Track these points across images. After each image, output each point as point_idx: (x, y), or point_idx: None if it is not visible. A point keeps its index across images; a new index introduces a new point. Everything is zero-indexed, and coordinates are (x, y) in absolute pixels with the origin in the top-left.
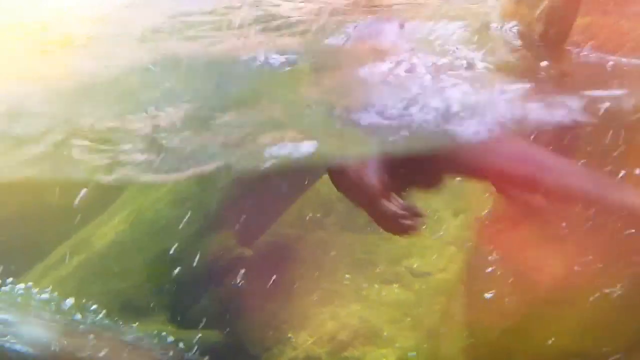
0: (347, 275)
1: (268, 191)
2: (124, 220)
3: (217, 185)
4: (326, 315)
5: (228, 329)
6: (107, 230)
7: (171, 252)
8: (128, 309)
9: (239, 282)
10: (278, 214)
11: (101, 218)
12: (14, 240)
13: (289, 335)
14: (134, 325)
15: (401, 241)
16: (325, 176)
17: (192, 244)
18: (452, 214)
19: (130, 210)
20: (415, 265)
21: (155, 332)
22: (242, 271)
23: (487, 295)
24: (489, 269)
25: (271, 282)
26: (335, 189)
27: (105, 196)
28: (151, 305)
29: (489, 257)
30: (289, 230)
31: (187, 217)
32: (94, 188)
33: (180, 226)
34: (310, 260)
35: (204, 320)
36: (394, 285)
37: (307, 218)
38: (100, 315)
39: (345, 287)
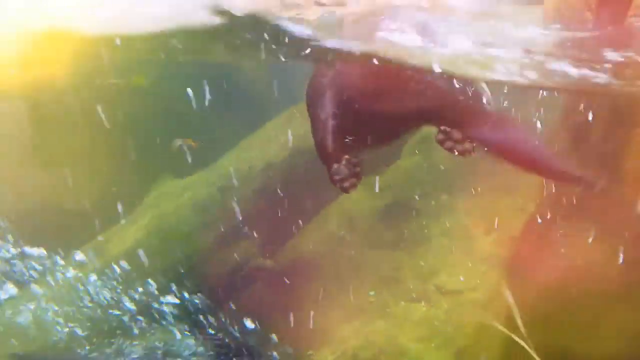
0: (371, 293)
1: (291, 202)
2: (144, 226)
3: (240, 194)
4: (349, 332)
5: (246, 341)
6: (126, 237)
7: (191, 259)
8: (144, 315)
9: (260, 295)
10: (300, 226)
11: (121, 224)
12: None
13: (309, 352)
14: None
15: (429, 259)
16: (352, 195)
17: (212, 252)
18: (484, 232)
19: (152, 217)
20: (444, 283)
21: (173, 339)
22: (262, 283)
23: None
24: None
25: (293, 297)
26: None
27: (128, 201)
28: (168, 312)
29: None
30: (313, 247)
31: (208, 224)
32: (115, 192)
33: (201, 234)
34: (334, 277)
35: (222, 329)
36: (422, 303)
37: (332, 235)
38: None
39: (370, 305)
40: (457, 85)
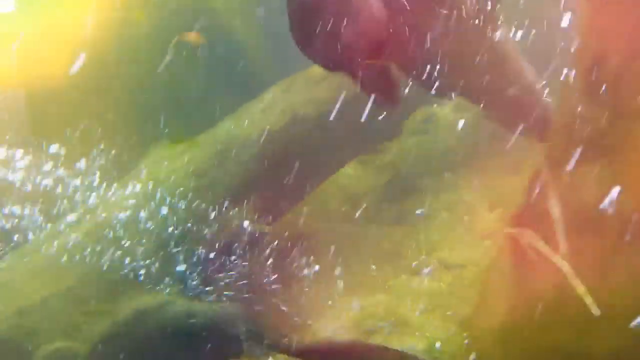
0: (373, 267)
1: (290, 170)
2: (139, 192)
3: (238, 159)
4: (349, 304)
5: (244, 311)
6: (118, 200)
7: (188, 225)
8: (136, 280)
9: (260, 262)
10: (300, 196)
11: (114, 188)
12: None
13: (308, 322)
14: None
15: (432, 234)
16: (349, 170)
17: (208, 217)
18: (488, 208)
19: (146, 181)
20: (446, 258)
21: (166, 301)
22: (261, 250)
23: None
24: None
25: (292, 268)
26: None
27: (121, 165)
28: (163, 276)
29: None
30: (312, 221)
31: (205, 190)
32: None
33: (197, 199)
34: (334, 251)
35: (219, 296)
36: (423, 276)
37: (333, 211)
38: None
39: (371, 278)
40: None
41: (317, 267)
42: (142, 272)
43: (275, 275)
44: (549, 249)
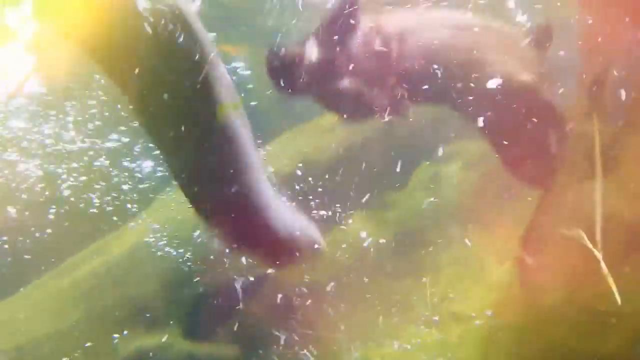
0: (380, 318)
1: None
2: (148, 228)
3: None
4: (358, 355)
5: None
6: (130, 236)
7: (193, 266)
8: (141, 317)
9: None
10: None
11: (129, 225)
12: (34, 243)
13: None
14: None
15: (441, 286)
16: (357, 221)
17: (214, 258)
18: (498, 261)
19: (158, 218)
20: (455, 310)
21: (167, 343)
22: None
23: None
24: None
25: (299, 318)
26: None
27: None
28: (166, 315)
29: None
30: (320, 272)
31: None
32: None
33: (206, 239)
34: (341, 302)
35: (220, 337)
36: (432, 328)
37: (340, 262)
38: None
39: (378, 330)
40: None
41: (324, 317)
42: (146, 312)
43: (282, 323)
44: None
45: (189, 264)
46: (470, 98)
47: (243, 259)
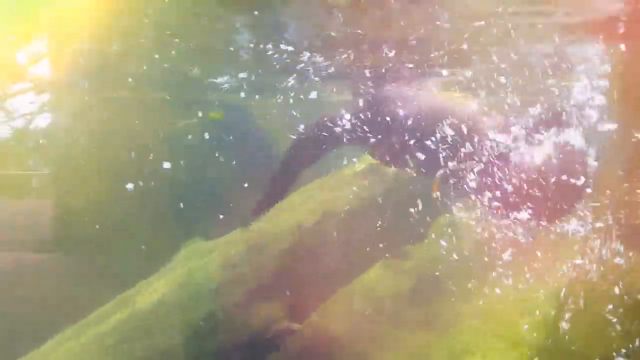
0: None
1: (323, 265)
2: (171, 281)
3: (270, 253)
4: None
5: None
6: (152, 291)
7: (217, 317)
8: None
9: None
10: (327, 295)
11: (149, 279)
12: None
13: None
14: None
15: (459, 339)
16: (374, 273)
17: (238, 310)
18: (519, 314)
19: (180, 272)
20: None
21: None
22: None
23: None
24: None
25: None
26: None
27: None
28: None
29: None
30: (338, 324)
31: (237, 281)
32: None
33: (228, 291)
34: (359, 354)
35: None
36: None
37: (357, 313)
38: None
39: None
40: None
41: None
42: None
43: None
44: None
45: (213, 317)
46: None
47: (264, 313)
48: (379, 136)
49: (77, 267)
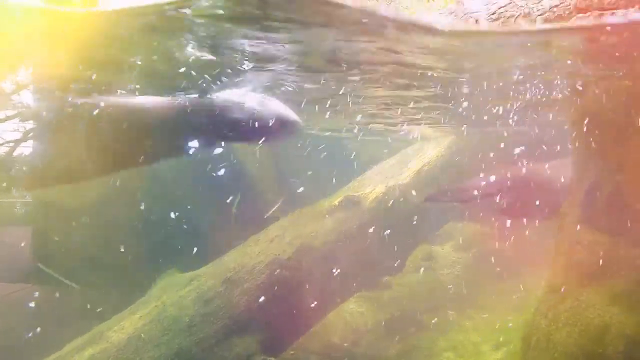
0: None
1: (299, 298)
2: (146, 315)
3: (245, 286)
4: None
5: None
6: (126, 325)
7: (191, 352)
8: None
9: None
10: (304, 330)
11: (122, 314)
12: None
13: None
14: None
15: None
16: (352, 305)
17: (213, 345)
18: (493, 347)
19: (154, 306)
20: None
21: None
22: None
23: None
24: None
25: None
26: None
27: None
28: None
29: None
30: (315, 357)
31: (211, 315)
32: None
33: (203, 325)
34: None
35: None
36: None
37: (335, 346)
38: None
39: None
40: None
41: None
42: None
43: None
44: None
45: (187, 352)
46: None
47: (239, 349)
48: None
49: (50, 299)
